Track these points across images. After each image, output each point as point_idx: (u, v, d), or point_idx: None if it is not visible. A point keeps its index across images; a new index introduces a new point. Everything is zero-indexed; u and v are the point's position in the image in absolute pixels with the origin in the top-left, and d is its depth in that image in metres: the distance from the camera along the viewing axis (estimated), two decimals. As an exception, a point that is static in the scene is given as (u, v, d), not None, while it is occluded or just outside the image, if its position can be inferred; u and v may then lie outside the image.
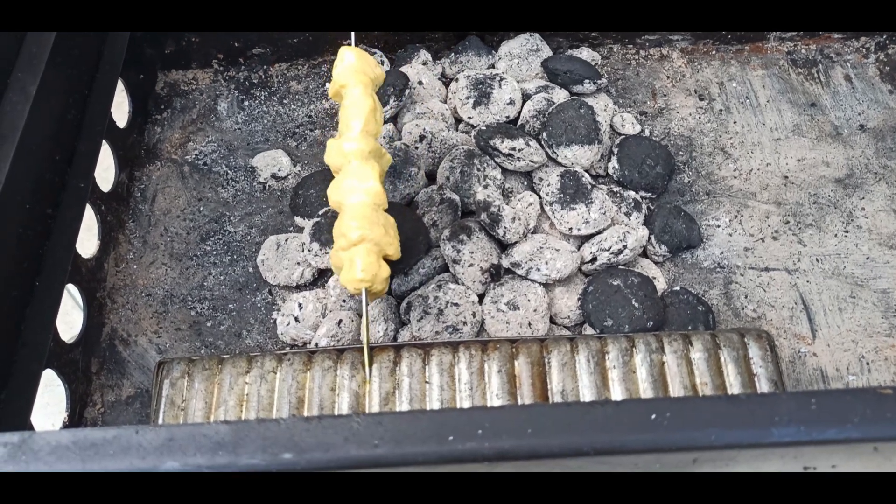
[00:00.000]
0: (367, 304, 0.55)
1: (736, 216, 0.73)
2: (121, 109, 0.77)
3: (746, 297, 0.68)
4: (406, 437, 0.37)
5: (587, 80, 0.76)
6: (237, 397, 0.55)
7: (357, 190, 0.55)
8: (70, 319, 0.78)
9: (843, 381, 0.64)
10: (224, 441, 0.38)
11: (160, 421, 0.55)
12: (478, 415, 0.38)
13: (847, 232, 0.72)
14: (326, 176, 0.65)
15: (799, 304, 0.67)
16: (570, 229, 0.67)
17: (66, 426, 0.61)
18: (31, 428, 0.56)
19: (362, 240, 0.54)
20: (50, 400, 0.69)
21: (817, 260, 0.70)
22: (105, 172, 0.73)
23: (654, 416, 0.37)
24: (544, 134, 0.71)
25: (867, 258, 0.70)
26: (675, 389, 0.55)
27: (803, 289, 0.68)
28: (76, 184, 0.65)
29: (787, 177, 0.75)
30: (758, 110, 0.80)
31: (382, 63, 0.81)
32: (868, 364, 0.64)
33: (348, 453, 0.37)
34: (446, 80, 0.81)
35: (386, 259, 0.56)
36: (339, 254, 0.55)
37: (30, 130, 0.59)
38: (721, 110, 0.80)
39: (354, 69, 0.59)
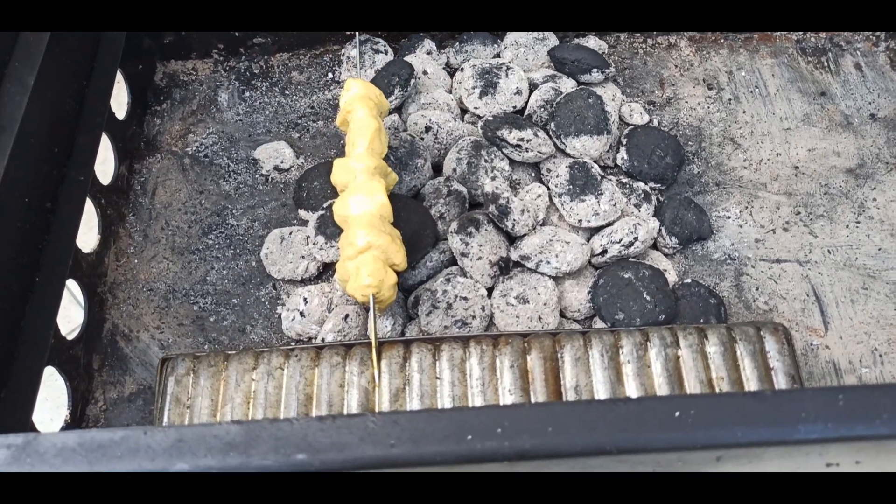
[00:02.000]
0: (374, 312, 0.54)
1: (746, 207, 0.72)
2: (119, 101, 0.75)
3: (758, 289, 0.67)
4: (423, 437, 0.36)
5: (595, 70, 0.75)
6: (244, 394, 0.54)
7: (363, 202, 0.56)
8: (71, 315, 0.77)
9: (856, 374, 0.63)
10: (235, 442, 0.36)
11: (165, 419, 0.53)
12: (497, 413, 0.37)
13: (858, 223, 0.71)
14: (330, 168, 0.63)
15: (811, 296, 0.67)
16: (580, 221, 0.66)
17: (67, 424, 0.60)
18: (32, 427, 0.55)
19: (369, 247, 0.54)
20: (49, 395, 0.68)
21: (829, 251, 0.69)
22: (104, 165, 0.71)
23: (678, 414, 0.36)
24: (552, 124, 0.70)
25: (879, 249, 0.69)
26: (691, 384, 0.54)
27: (815, 280, 0.67)
28: (75, 177, 0.63)
29: (797, 167, 0.74)
30: (767, 100, 0.79)
31: (386, 52, 0.80)
32: (881, 356, 0.64)
33: (364, 453, 0.36)
34: (451, 70, 0.79)
35: (393, 269, 0.56)
36: (346, 264, 0.55)
37: (28, 122, 0.57)
38: (730, 100, 0.79)
39: (360, 96, 0.62)
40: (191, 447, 0.36)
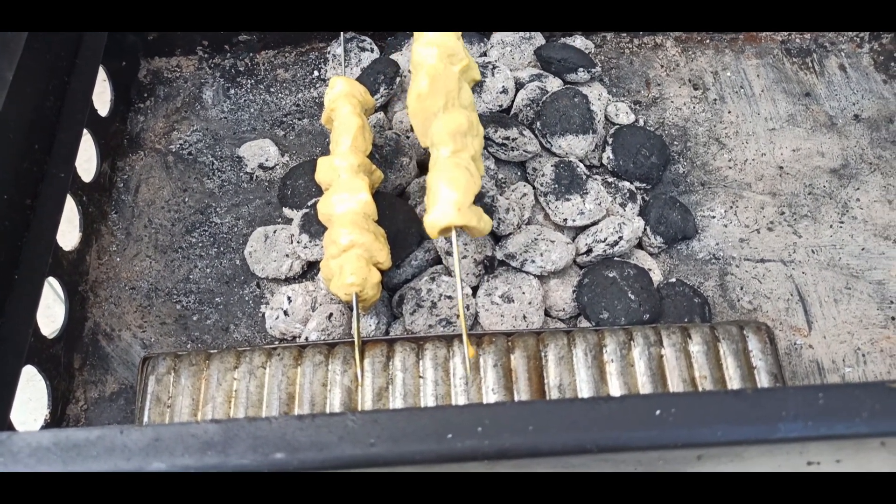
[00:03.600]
0: (358, 310, 0.54)
1: (731, 207, 0.72)
2: (103, 98, 0.75)
3: (742, 288, 0.67)
4: (403, 436, 0.36)
5: (581, 69, 0.75)
6: (225, 394, 0.53)
7: (347, 200, 0.56)
8: (52, 314, 0.76)
9: (840, 374, 0.63)
10: (213, 441, 0.36)
11: (145, 419, 0.53)
12: (477, 412, 0.37)
13: (842, 223, 0.71)
14: (315, 166, 0.63)
15: (795, 295, 0.67)
16: (565, 220, 0.65)
17: (47, 424, 0.59)
18: (10, 426, 0.54)
19: (352, 245, 0.54)
20: (32, 395, 0.67)
21: (813, 251, 0.69)
22: (87, 163, 0.70)
23: (658, 412, 0.36)
24: (538, 123, 0.70)
25: (862, 249, 0.69)
26: (674, 383, 0.54)
27: (799, 280, 0.68)
28: (56, 174, 0.63)
29: (782, 167, 0.74)
30: (752, 100, 0.79)
31: (372, 50, 0.80)
32: (864, 356, 0.64)
33: (343, 453, 0.36)
34: (437, 69, 0.79)
35: (377, 267, 0.56)
36: (330, 263, 0.55)
37: (7, 118, 0.57)
38: (715, 100, 0.79)
39: (344, 94, 0.61)
40: (168, 446, 0.36)
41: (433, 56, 0.55)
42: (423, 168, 0.71)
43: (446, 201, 0.51)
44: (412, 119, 0.57)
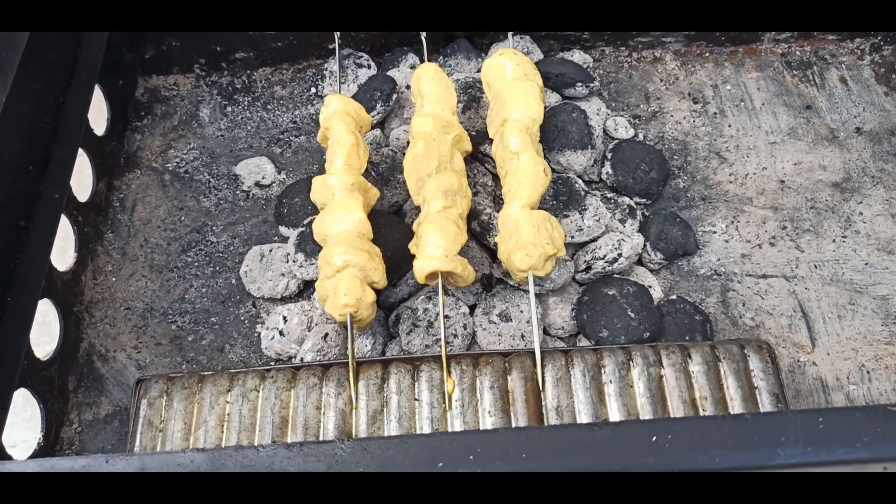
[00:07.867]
0: (352, 331, 0.53)
1: (732, 222, 0.71)
2: (100, 116, 0.74)
3: (744, 305, 0.66)
4: (393, 465, 0.35)
5: (579, 84, 0.74)
6: (218, 417, 0.53)
7: (341, 220, 0.56)
8: (51, 331, 0.76)
9: (844, 391, 0.62)
10: (199, 471, 0.35)
11: (137, 443, 0.52)
12: (469, 439, 0.36)
13: (845, 237, 0.70)
14: (311, 184, 0.63)
15: (798, 311, 0.66)
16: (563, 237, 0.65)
17: (40, 447, 0.58)
18: (1, 449, 0.54)
19: (346, 265, 0.53)
20: (34, 414, 0.66)
21: (815, 266, 0.68)
22: (84, 181, 0.70)
23: (654, 439, 0.35)
24: (536, 139, 0.69)
25: (866, 264, 0.68)
26: (675, 404, 0.53)
27: (802, 296, 0.67)
28: (51, 194, 0.62)
29: (783, 181, 0.74)
30: (753, 113, 0.78)
31: (369, 67, 0.79)
32: (869, 373, 0.63)
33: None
34: (435, 85, 0.78)
35: (373, 287, 0.55)
36: (325, 283, 0.54)
37: (1, 138, 0.56)
38: (715, 113, 0.78)
39: (338, 112, 0.62)
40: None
41: (429, 125, 0.60)
42: (420, 185, 0.70)
43: (435, 248, 0.54)
44: (407, 178, 0.61)
